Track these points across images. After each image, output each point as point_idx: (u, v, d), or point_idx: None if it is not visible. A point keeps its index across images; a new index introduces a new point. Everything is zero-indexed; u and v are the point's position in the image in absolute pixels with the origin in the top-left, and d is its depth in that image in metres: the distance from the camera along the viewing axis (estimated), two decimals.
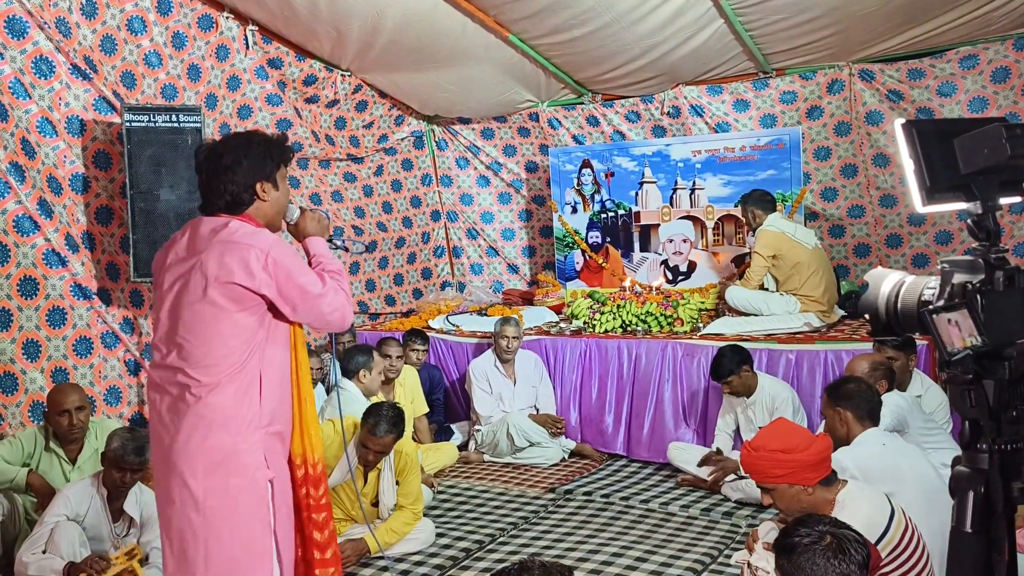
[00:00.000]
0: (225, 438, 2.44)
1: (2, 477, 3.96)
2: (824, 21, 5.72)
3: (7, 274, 4.56)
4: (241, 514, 2.47)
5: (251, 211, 2.58)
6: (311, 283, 2.53)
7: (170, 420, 2.48)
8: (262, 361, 2.50)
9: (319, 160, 7.02)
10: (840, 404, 3.30)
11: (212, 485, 2.44)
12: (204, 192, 2.59)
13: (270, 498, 2.52)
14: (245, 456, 2.47)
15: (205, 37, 5.80)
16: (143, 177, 4.99)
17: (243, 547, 2.49)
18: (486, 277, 8.33)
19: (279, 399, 2.58)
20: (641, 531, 4.41)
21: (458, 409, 6.38)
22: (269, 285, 2.46)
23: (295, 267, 2.51)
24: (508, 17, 5.94)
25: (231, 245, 2.46)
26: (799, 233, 5.68)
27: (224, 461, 2.45)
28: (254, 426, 2.48)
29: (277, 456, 2.57)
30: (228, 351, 2.45)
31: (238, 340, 2.46)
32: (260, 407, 2.49)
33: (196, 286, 2.45)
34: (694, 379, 5.54)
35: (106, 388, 5.07)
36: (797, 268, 5.58)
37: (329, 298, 2.55)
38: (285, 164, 2.66)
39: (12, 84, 4.62)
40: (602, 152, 7.17)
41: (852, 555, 2.06)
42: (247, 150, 2.56)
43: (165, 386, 2.50)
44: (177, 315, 2.49)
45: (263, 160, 2.57)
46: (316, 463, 2.69)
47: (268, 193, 2.58)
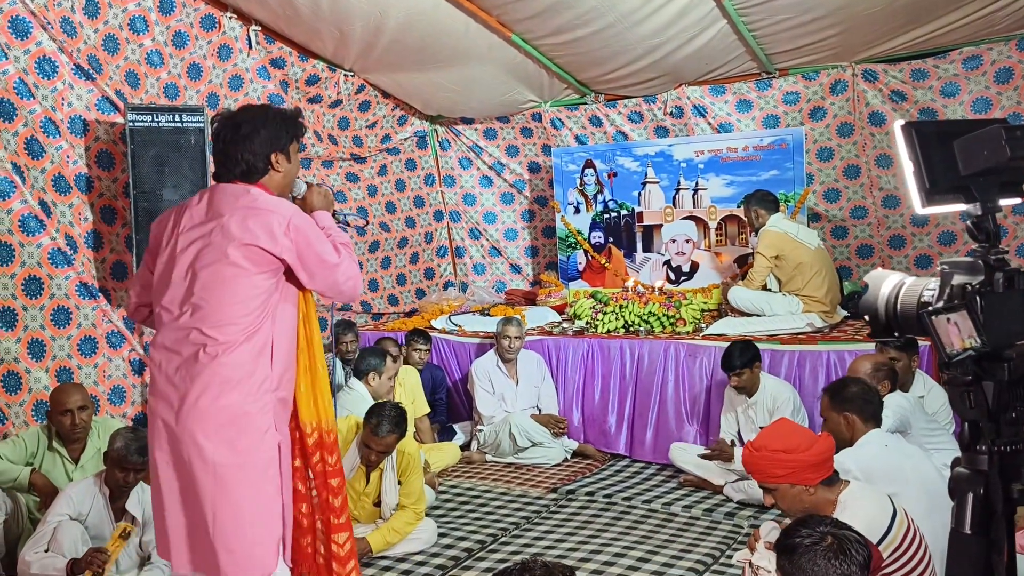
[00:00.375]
0: (237, 397, 2.48)
1: (5, 476, 3.96)
2: (827, 21, 5.71)
3: (12, 273, 4.57)
4: (250, 473, 2.50)
5: (264, 181, 2.64)
6: (328, 252, 2.61)
7: (180, 380, 2.50)
8: (274, 325, 2.56)
9: (322, 160, 7.02)
10: (846, 408, 3.30)
11: (222, 443, 2.47)
12: (220, 159, 2.66)
13: (278, 460, 2.55)
14: (256, 417, 2.50)
15: (207, 37, 5.81)
16: (146, 177, 5.00)
17: (251, 505, 2.50)
18: (489, 277, 8.33)
19: (286, 365, 2.63)
20: (643, 531, 4.42)
21: (460, 409, 6.39)
22: (290, 250, 2.53)
23: (314, 236, 2.59)
24: (511, 17, 5.94)
25: (254, 210, 2.53)
26: (801, 233, 5.68)
27: (234, 420, 2.48)
28: (265, 388, 2.53)
29: (282, 422, 2.62)
30: (246, 311, 2.51)
31: (256, 301, 2.52)
32: (271, 370, 2.54)
33: (217, 247, 2.51)
34: (696, 379, 5.54)
35: (110, 388, 5.08)
36: (800, 268, 5.58)
37: (344, 267, 2.63)
38: (297, 139, 2.72)
39: (16, 84, 4.63)
40: (605, 152, 7.17)
41: (853, 556, 2.06)
42: (264, 121, 2.63)
43: (176, 347, 2.53)
44: (195, 276, 2.54)
45: (279, 132, 2.64)
46: (329, 430, 2.73)
47: (281, 164, 2.65)
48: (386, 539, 4.15)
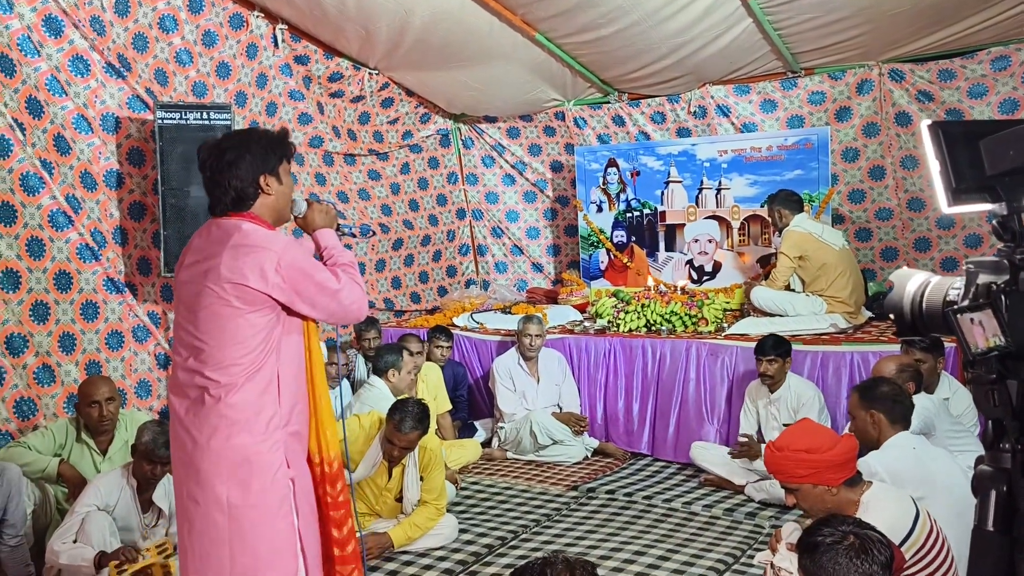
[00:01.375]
0: (246, 438, 2.46)
1: (34, 467, 4.03)
2: (854, 20, 5.68)
3: (43, 268, 4.64)
4: (264, 513, 2.49)
5: (256, 207, 2.58)
6: (327, 280, 2.56)
7: (190, 422, 2.50)
8: (279, 361, 2.53)
9: (343, 155, 7.07)
10: (874, 406, 3.27)
11: (235, 485, 2.47)
12: (209, 189, 2.60)
13: (292, 497, 2.54)
14: (266, 456, 2.48)
15: (236, 36, 5.87)
16: (174, 174, 5.07)
17: (267, 546, 2.51)
18: (510, 275, 8.35)
19: (296, 398, 2.60)
20: (663, 530, 4.42)
21: (482, 406, 6.41)
22: (281, 288, 2.48)
23: (310, 267, 2.54)
24: (535, 16, 5.96)
25: (244, 248, 2.48)
26: (826, 234, 5.65)
27: (246, 461, 2.47)
28: (274, 425, 2.50)
29: (297, 456, 2.59)
30: (246, 350, 2.47)
31: (255, 340, 2.48)
32: (279, 407, 2.52)
33: (211, 290, 2.47)
34: (718, 379, 5.53)
35: (136, 381, 5.15)
36: (824, 269, 5.54)
37: (346, 292, 2.59)
38: (287, 159, 2.67)
39: (48, 81, 4.70)
40: (628, 151, 7.17)
41: (875, 555, 2.06)
42: (248, 145, 2.58)
43: (184, 389, 2.53)
44: (194, 318, 2.52)
45: (265, 154, 2.58)
46: (332, 461, 2.70)
47: (271, 187, 2.59)
48: (407, 534, 4.17)
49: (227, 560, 2.49)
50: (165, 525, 3.81)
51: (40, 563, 3.75)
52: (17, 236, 4.52)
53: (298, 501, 2.56)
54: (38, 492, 4.07)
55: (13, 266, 4.50)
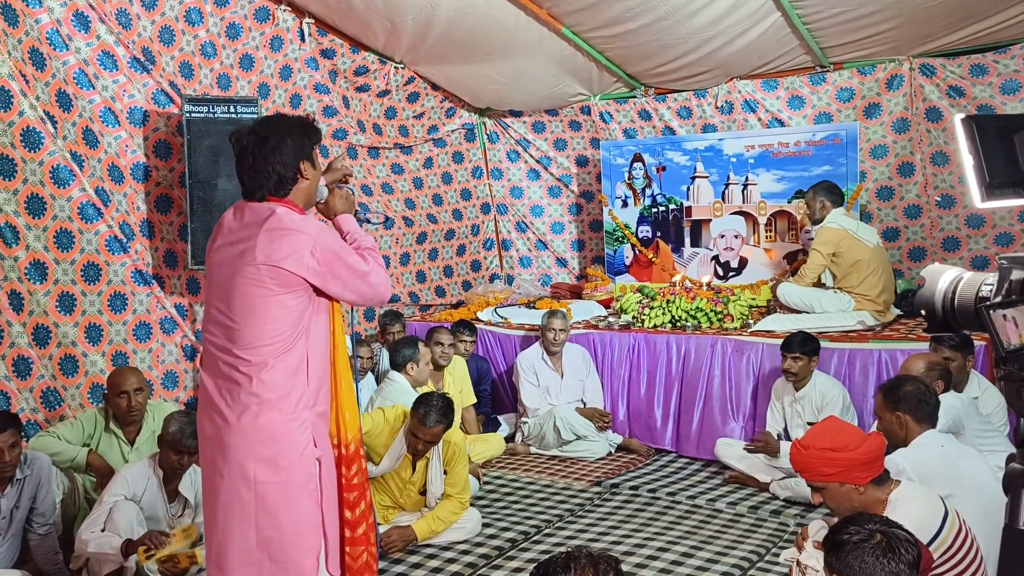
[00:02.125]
0: (276, 416, 2.52)
1: (63, 456, 4.08)
2: (885, 15, 5.61)
3: (72, 259, 4.70)
4: (290, 490, 2.55)
5: (293, 192, 2.65)
6: (358, 263, 2.65)
7: (220, 399, 2.56)
8: (308, 341, 2.59)
9: (367, 149, 7.09)
10: (899, 407, 3.24)
11: (263, 462, 2.52)
12: (250, 175, 2.64)
13: (318, 476, 2.60)
14: (295, 434, 2.54)
15: (260, 28, 5.90)
16: (202, 167, 5.11)
17: (292, 522, 2.56)
18: (535, 270, 8.35)
19: (322, 379, 2.66)
20: (687, 527, 4.40)
21: (505, 401, 6.42)
22: (316, 271, 2.55)
23: (343, 250, 2.63)
24: (562, 9, 5.94)
25: (280, 232, 2.54)
26: (861, 231, 5.56)
27: (274, 439, 2.52)
28: (303, 405, 2.56)
29: (323, 436, 2.65)
30: (278, 331, 2.53)
31: (287, 320, 2.54)
32: (308, 386, 2.58)
33: (246, 271, 2.53)
34: (743, 376, 5.49)
35: (164, 372, 5.19)
36: (856, 266, 5.46)
37: (374, 274, 2.68)
38: (318, 144, 2.74)
39: (76, 75, 4.75)
40: (654, 146, 7.13)
41: (902, 554, 2.04)
42: (289, 131, 2.64)
43: (216, 366, 2.59)
44: (228, 299, 2.57)
45: (303, 140, 2.65)
46: (349, 443, 2.76)
47: (308, 172, 2.67)
48: (431, 527, 4.19)
49: (252, 535, 2.55)
50: (191, 515, 3.85)
51: (68, 551, 3.81)
52: (46, 228, 4.58)
53: (323, 480, 2.61)
54: (67, 481, 4.13)
55: (40, 258, 4.55)
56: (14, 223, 4.45)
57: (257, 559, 2.56)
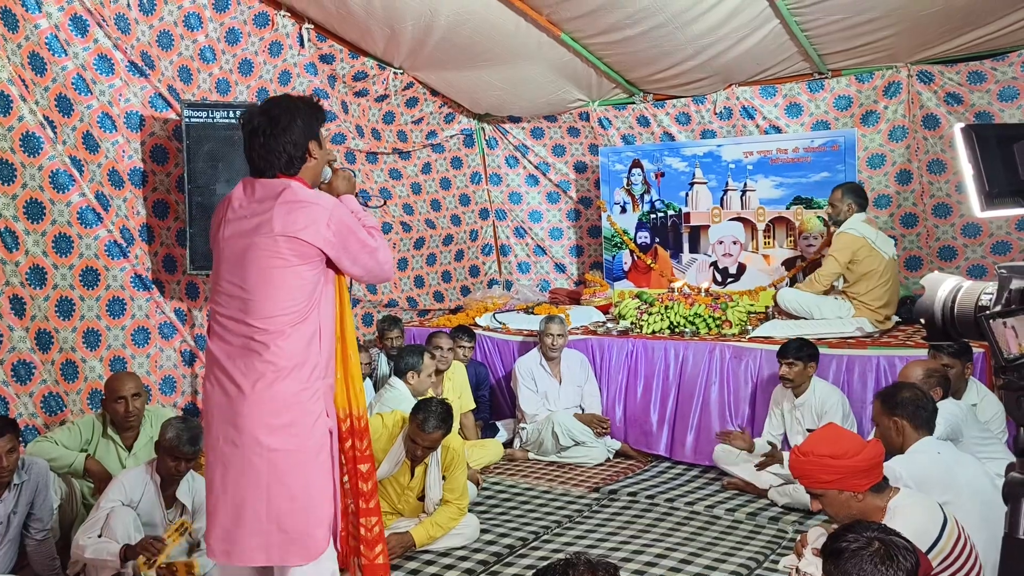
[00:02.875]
0: (291, 385, 2.56)
1: (61, 462, 4.07)
2: (883, 22, 5.63)
3: (70, 264, 4.69)
4: (303, 459, 2.57)
5: (302, 171, 2.70)
6: (367, 238, 2.70)
7: (233, 368, 2.58)
8: (320, 313, 2.64)
9: (365, 154, 7.09)
10: (896, 413, 3.25)
11: (276, 430, 2.55)
12: (260, 153, 2.68)
13: (330, 446, 2.65)
14: (308, 404, 2.58)
15: (260, 33, 5.90)
16: (201, 172, 5.10)
17: (304, 491, 2.57)
18: (533, 276, 8.35)
19: (331, 351, 2.71)
20: (685, 534, 4.39)
21: (504, 406, 6.41)
22: (331, 243, 2.61)
23: (355, 225, 2.69)
24: (561, 16, 5.95)
25: (297, 204, 2.60)
26: (879, 240, 5.48)
27: (289, 407, 2.55)
28: (316, 375, 2.61)
29: (332, 407, 2.70)
30: (293, 302, 2.58)
31: (302, 291, 2.60)
32: (320, 357, 2.63)
33: (262, 243, 2.58)
34: (742, 382, 5.49)
35: (162, 377, 5.19)
36: (868, 276, 5.40)
37: (381, 252, 2.74)
38: (323, 124, 2.80)
39: (75, 80, 4.75)
40: (653, 152, 7.14)
41: (900, 562, 2.03)
42: (298, 112, 2.69)
43: (229, 338, 2.61)
44: (242, 271, 2.61)
45: (311, 120, 2.71)
46: (360, 416, 2.80)
47: (315, 151, 2.72)
48: (429, 533, 4.18)
49: (263, 504, 2.55)
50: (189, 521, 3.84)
51: (66, 557, 3.80)
52: (44, 233, 4.57)
53: (333, 452, 2.67)
54: (64, 487, 4.12)
55: (39, 263, 4.55)
56: (13, 228, 4.45)
57: (266, 530, 2.56)
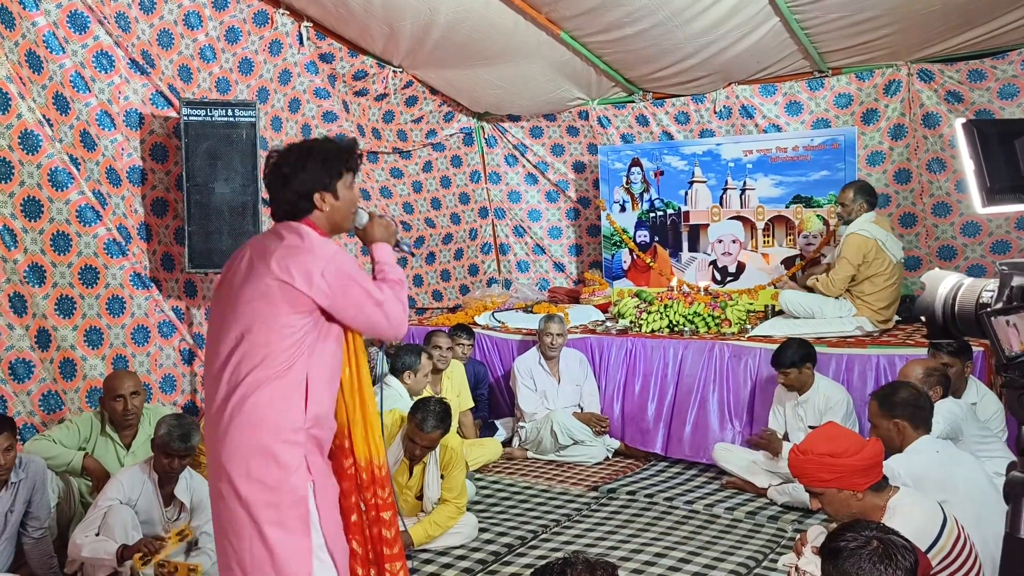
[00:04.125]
0: (266, 436, 2.48)
1: (59, 460, 4.07)
2: (883, 20, 5.62)
3: (69, 263, 4.68)
4: (281, 511, 2.51)
5: (312, 218, 2.63)
6: (372, 290, 2.59)
7: (218, 417, 2.53)
8: (310, 363, 2.54)
9: (366, 153, 7.08)
10: (896, 415, 3.24)
11: (254, 481, 2.49)
12: (270, 198, 2.70)
13: (310, 499, 2.54)
14: (284, 455, 2.50)
15: (259, 32, 5.89)
16: (199, 170, 5.10)
17: (282, 543, 2.52)
18: (532, 275, 8.34)
19: (326, 404, 2.61)
20: (684, 532, 4.39)
21: (503, 405, 6.40)
22: (325, 294, 2.51)
23: (357, 275, 2.58)
24: (560, 15, 5.94)
25: (295, 250, 2.53)
26: (889, 243, 5.43)
27: (264, 459, 2.49)
28: (295, 426, 2.51)
29: (317, 459, 2.59)
30: (280, 350, 2.50)
31: (289, 340, 2.50)
32: (304, 409, 2.53)
33: (258, 286, 2.52)
34: (741, 381, 5.49)
35: (161, 376, 5.18)
36: (875, 278, 5.37)
37: (386, 307, 2.60)
38: (349, 171, 2.67)
39: (73, 77, 4.74)
40: (652, 151, 7.13)
41: (899, 561, 2.02)
42: (306, 161, 2.62)
43: (216, 383, 2.56)
44: (235, 314, 2.55)
45: (320, 171, 2.62)
46: (380, 465, 2.76)
47: (327, 202, 2.63)
48: (427, 532, 4.17)
49: (247, 552, 2.52)
50: (187, 518, 3.83)
51: (63, 555, 3.79)
52: (42, 231, 4.56)
53: (319, 503, 2.56)
54: (62, 485, 4.11)
55: (38, 260, 4.54)
56: (12, 226, 4.44)
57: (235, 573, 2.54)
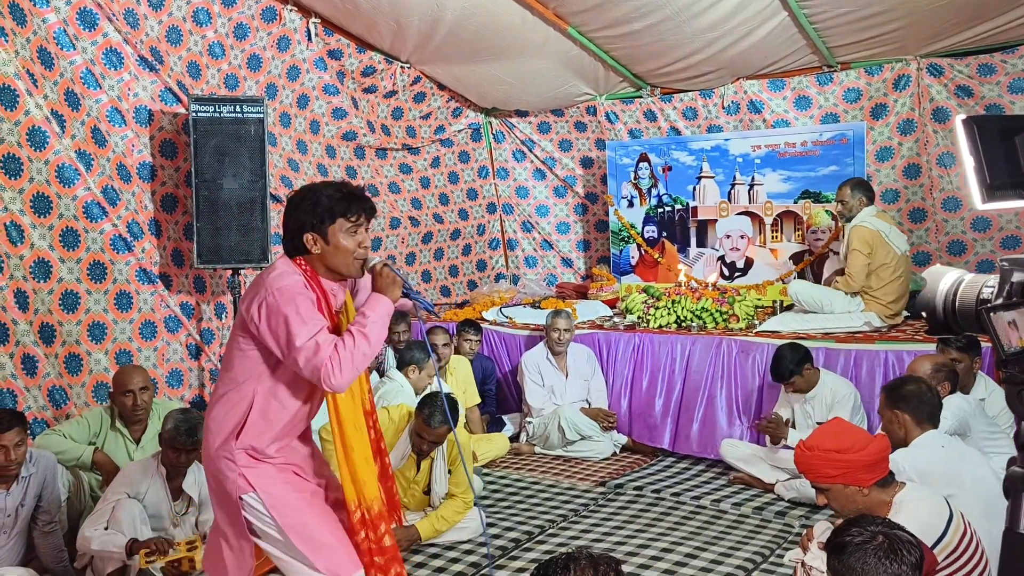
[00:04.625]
0: (211, 443, 2.67)
1: (69, 454, 4.10)
2: (892, 15, 5.60)
3: (77, 258, 4.71)
4: (227, 517, 2.73)
5: (307, 258, 2.69)
6: (298, 333, 2.49)
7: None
8: (259, 387, 2.64)
9: (375, 149, 7.10)
10: (898, 406, 3.24)
11: (212, 487, 2.76)
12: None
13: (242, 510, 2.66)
14: (221, 464, 2.66)
15: (268, 28, 5.91)
16: (207, 166, 5.11)
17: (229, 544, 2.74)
18: (540, 270, 8.34)
19: (275, 429, 2.68)
20: (691, 528, 4.39)
21: (510, 400, 6.41)
22: (255, 323, 2.57)
23: (292, 316, 2.51)
24: (567, 10, 5.94)
25: (260, 279, 2.67)
26: (892, 235, 5.43)
27: (213, 467, 2.69)
28: (229, 440, 2.64)
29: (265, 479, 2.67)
30: (235, 368, 2.67)
31: (239, 363, 2.66)
32: (246, 421, 2.63)
33: (240, 315, 2.70)
34: (748, 376, 5.48)
35: (168, 371, 5.21)
36: (881, 270, 5.35)
37: (306, 353, 2.48)
38: (348, 219, 2.64)
39: (83, 74, 4.77)
40: (660, 146, 7.12)
41: (904, 556, 2.02)
42: (303, 201, 2.66)
43: None
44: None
45: (309, 216, 2.64)
46: (370, 505, 2.79)
47: (317, 244, 2.65)
48: (434, 527, 4.18)
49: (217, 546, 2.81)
50: (195, 513, 3.86)
51: (74, 549, 3.81)
52: (51, 227, 4.59)
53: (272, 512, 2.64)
54: (72, 479, 4.14)
55: (45, 256, 4.58)
56: (19, 222, 4.47)
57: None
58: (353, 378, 2.53)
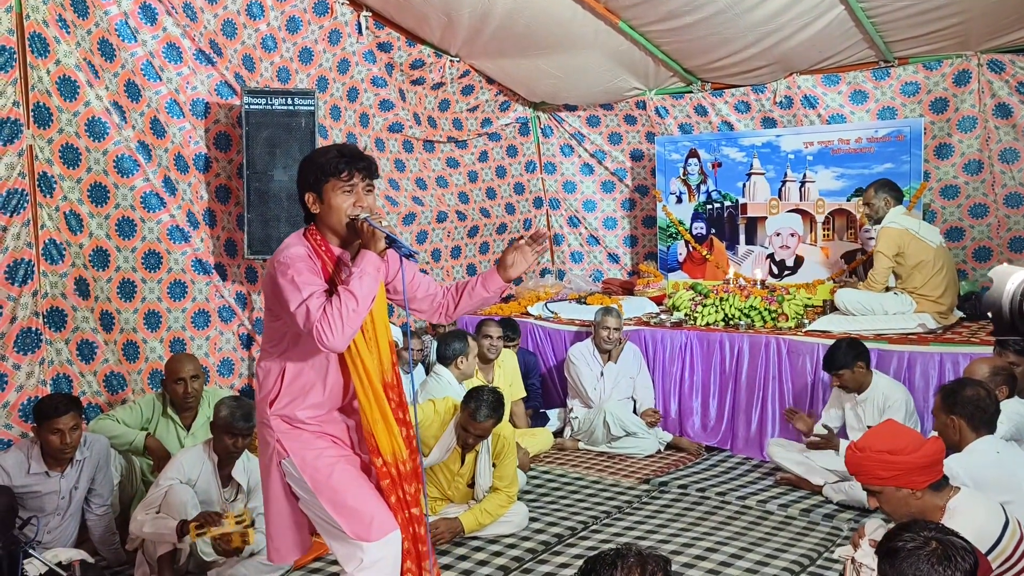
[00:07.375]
0: (258, 414, 2.80)
1: (122, 439, 4.19)
2: (952, 9, 5.47)
3: (133, 247, 4.81)
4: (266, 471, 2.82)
5: (316, 222, 2.77)
6: (291, 301, 2.55)
7: None
8: (289, 349, 2.72)
9: (423, 142, 7.12)
10: (955, 411, 3.17)
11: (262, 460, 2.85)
12: None
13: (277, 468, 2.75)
14: (264, 432, 2.78)
15: (319, 22, 5.96)
16: (259, 158, 5.18)
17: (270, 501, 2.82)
18: (586, 265, 8.31)
19: (307, 389, 2.73)
20: (737, 528, 4.34)
21: (554, 395, 6.40)
22: (266, 283, 2.73)
23: (286, 283, 2.57)
24: (619, 3, 5.90)
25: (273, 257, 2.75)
26: (923, 230, 5.37)
27: (260, 434, 2.82)
28: (268, 401, 2.73)
29: (298, 443, 2.72)
30: (266, 339, 2.81)
31: (268, 333, 2.79)
32: (280, 388, 2.72)
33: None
34: (798, 376, 5.40)
35: (220, 360, 5.29)
36: (920, 267, 5.28)
37: (300, 318, 2.53)
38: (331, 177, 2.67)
39: (144, 67, 4.85)
40: (710, 142, 7.05)
41: (958, 562, 1.97)
42: (304, 163, 2.76)
43: None
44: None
45: (305, 176, 2.73)
46: (405, 461, 2.80)
47: (315, 204, 2.72)
48: (478, 520, 4.20)
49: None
50: (244, 499, 3.91)
51: (125, 532, 3.90)
52: (108, 216, 4.69)
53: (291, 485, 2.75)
54: (124, 464, 4.24)
55: (103, 245, 4.68)
56: (78, 211, 4.57)
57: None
58: (349, 336, 2.56)
